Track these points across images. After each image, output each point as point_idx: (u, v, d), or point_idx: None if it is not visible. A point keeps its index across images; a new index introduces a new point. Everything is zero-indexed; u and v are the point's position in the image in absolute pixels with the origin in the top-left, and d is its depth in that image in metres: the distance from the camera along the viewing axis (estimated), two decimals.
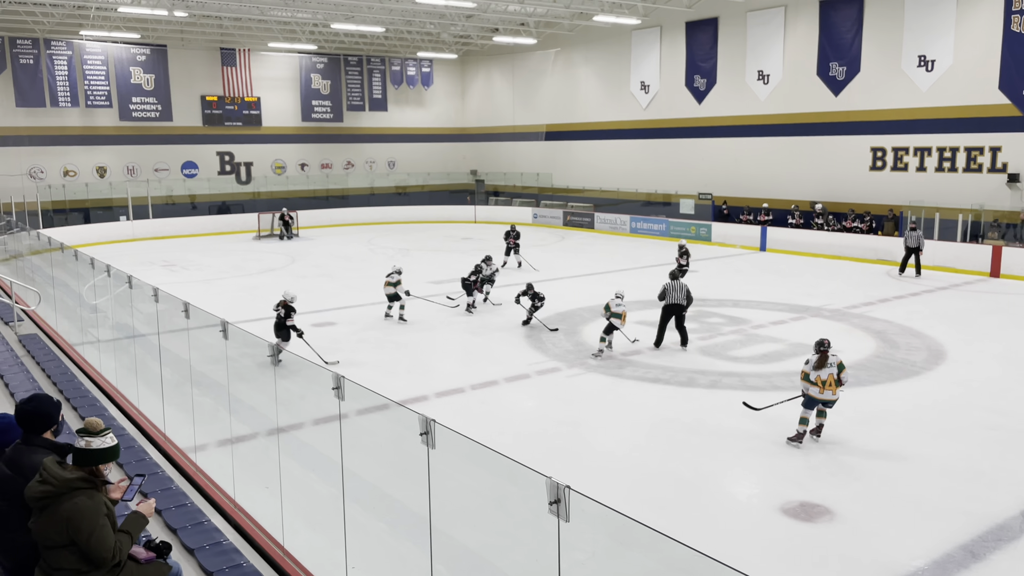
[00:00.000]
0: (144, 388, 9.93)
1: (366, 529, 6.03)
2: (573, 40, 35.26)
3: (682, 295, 13.25)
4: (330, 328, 15.54)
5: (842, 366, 9.25)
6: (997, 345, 13.64)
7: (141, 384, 10.01)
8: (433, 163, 41.94)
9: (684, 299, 13.25)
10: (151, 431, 9.23)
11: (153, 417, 9.37)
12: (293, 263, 24.47)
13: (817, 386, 9.15)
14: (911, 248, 20.26)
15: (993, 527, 7.18)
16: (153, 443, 8.96)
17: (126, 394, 10.22)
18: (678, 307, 13.29)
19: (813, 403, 9.24)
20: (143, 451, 8.55)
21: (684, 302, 13.26)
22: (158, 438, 9.02)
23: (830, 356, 9.19)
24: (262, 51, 36.23)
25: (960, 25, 22.35)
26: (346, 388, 5.53)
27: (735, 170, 29.00)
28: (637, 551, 4.28)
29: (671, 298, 13.31)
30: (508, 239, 23.15)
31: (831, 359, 9.18)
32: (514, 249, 22.92)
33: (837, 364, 9.20)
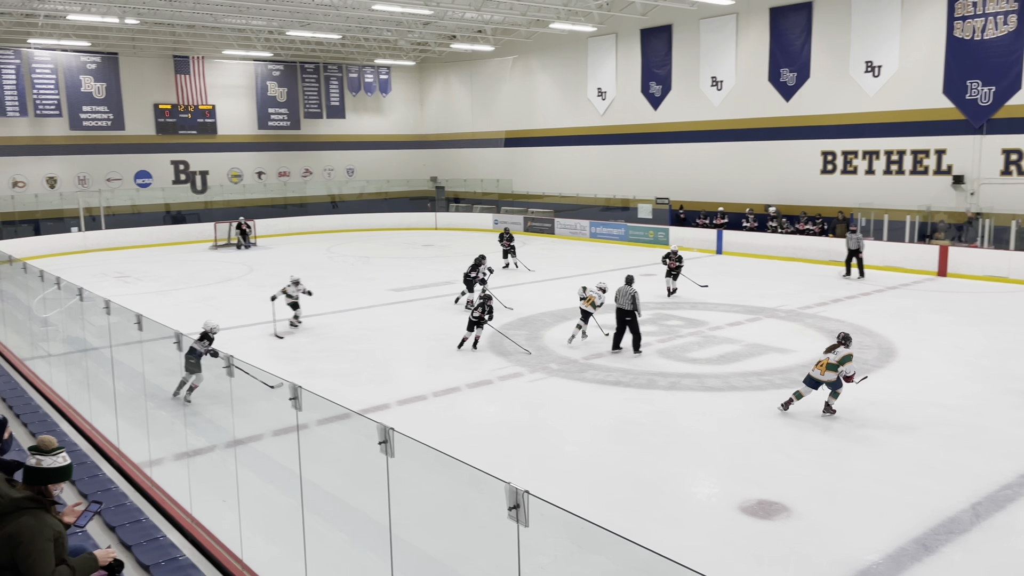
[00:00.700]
0: (97, 402, 9.73)
1: (326, 540, 5.98)
2: (530, 47, 35.45)
3: (627, 300, 13.40)
4: (289, 338, 15.39)
5: (846, 359, 10.03)
6: (945, 342, 14.01)
7: (94, 398, 9.80)
8: (392, 170, 41.79)
9: (629, 304, 13.35)
10: (104, 446, 9.05)
11: (106, 432, 9.18)
12: (251, 272, 24.16)
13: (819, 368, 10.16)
14: (852, 250, 20.75)
15: (944, 520, 7.37)
16: (107, 458, 8.79)
17: (78, 409, 10.00)
18: (621, 311, 13.47)
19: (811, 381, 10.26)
20: (96, 467, 8.38)
21: (628, 307, 13.37)
22: (112, 453, 8.84)
23: (839, 348, 10.11)
24: (216, 59, 35.78)
25: (905, 31, 22.97)
26: (304, 398, 5.49)
27: (691, 175, 29.39)
28: (598, 554, 4.31)
29: (617, 302, 13.56)
30: (502, 241, 23.67)
31: (839, 350, 10.09)
32: (510, 252, 23.39)
33: (842, 356, 10.03)
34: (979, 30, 21.34)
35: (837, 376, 10.11)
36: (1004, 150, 21.33)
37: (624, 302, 13.39)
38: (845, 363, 10.03)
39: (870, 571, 6.53)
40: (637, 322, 13.50)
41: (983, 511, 7.53)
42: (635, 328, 13.50)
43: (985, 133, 21.64)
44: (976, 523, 7.31)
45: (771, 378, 12.02)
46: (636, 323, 13.48)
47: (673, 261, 18.53)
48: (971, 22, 21.46)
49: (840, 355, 10.08)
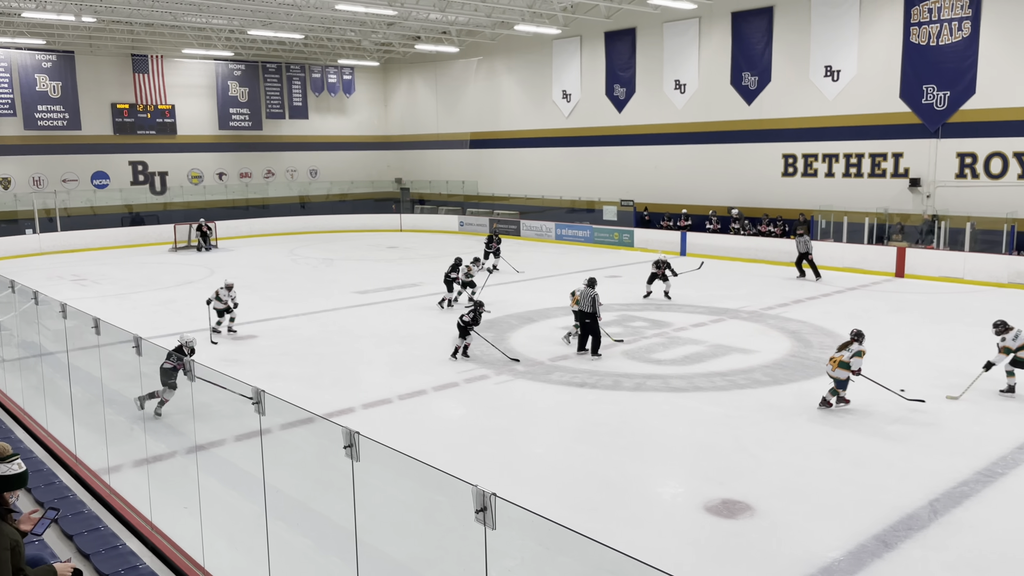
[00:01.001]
0: (53, 408, 9.51)
1: (291, 546, 5.91)
2: (495, 49, 35.46)
3: (587, 302, 13.42)
4: (252, 341, 15.19)
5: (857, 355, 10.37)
6: (903, 342, 14.29)
7: (50, 404, 9.58)
8: (356, 171, 41.50)
9: (589, 306, 13.38)
10: (61, 453, 8.85)
11: (63, 439, 8.98)
12: (212, 275, 23.81)
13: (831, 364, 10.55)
14: (801, 253, 21.23)
15: (904, 517, 7.51)
16: (63, 465, 8.59)
17: (33, 415, 9.77)
18: (581, 313, 13.54)
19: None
20: (52, 474, 8.20)
21: (589, 309, 13.40)
22: (68, 460, 8.64)
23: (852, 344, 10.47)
24: (176, 58, 35.23)
25: (863, 37, 23.41)
26: (267, 402, 5.42)
27: (655, 177, 29.64)
28: (565, 555, 4.31)
29: (579, 305, 13.68)
30: (491, 244, 23.57)
31: (852, 346, 10.45)
32: (495, 253, 23.34)
33: (854, 352, 10.38)
34: (934, 36, 21.83)
35: (847, 375, 10.36)
36: (959, 153, 21.83)
37: (585, 304, 13.47)
38: (854, 358, 10.32)
39: (832, 568, 6.62)
40: (597, 324, 13.54)
41: (941, 508, 7.69)
42: (595, 330, 13.53)
43: (940, 137, 22.14)
44: (934, 520, 7.46)
45: (735, 378, 12.15)
46: (596, 325, 13.52)
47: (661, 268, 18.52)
48: (927, 28, 21.94)
49: (852, 351, 10.36)
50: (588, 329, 13.58)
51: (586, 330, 13.61)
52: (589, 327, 13.54)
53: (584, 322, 13.56)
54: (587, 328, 13.58)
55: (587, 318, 13.51)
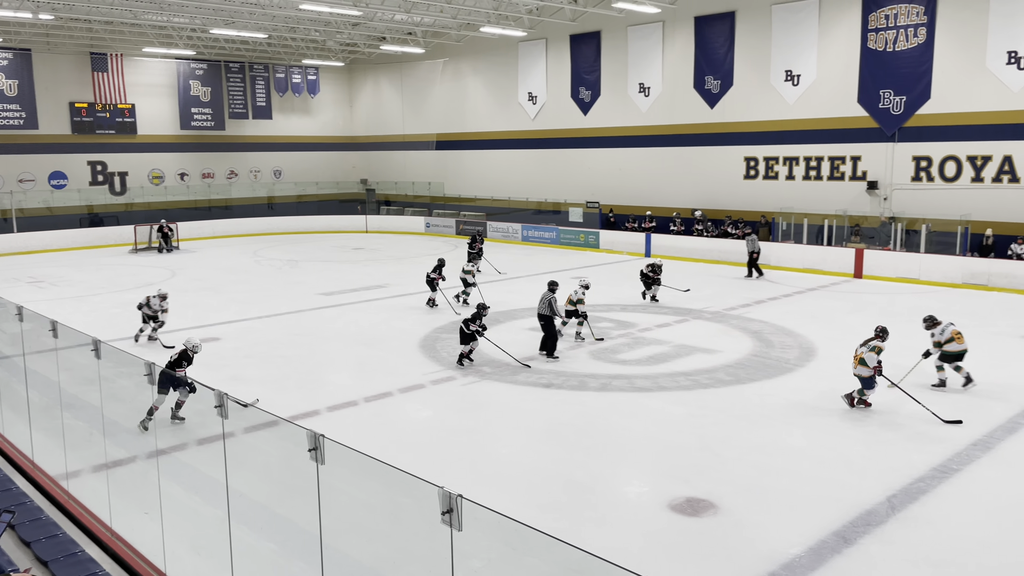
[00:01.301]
0: (9, 413, 9.31)
1: (255, 550, 5.86)
2: (461, 50, 35.44)
3: (545, 305, 13.59)
4: (215, 344, 14.99)
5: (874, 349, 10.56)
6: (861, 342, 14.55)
7: (6, 409, 9.38)
8: (321, 172, 41.17)
9: (547, 309, 13.56)
10: (17, 459, 8.67)
11: (20, 444, 8.79)
12: (173, 277, 23.46)
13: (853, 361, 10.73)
14: (751, 252, 21.78)
15: (862, 513, 7.66)
16: (20, 471, 8.42)
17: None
18: (541, 316, 13.67)
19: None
20: (9, 480, 8.03)
21: (547, 312, 13.56)
22: (25, 466, 8.47)
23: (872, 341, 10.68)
24: (136, 56, 34.65)
25: (822, 42, 23.83)
26: (230, 406, 5.37)
27: (620, 179, 29.86)
28: (531, 556, 4.33)
29: (538, 308, 13.82)
30: (475, 245, 23.29)
31: (872, 342, 10.65)
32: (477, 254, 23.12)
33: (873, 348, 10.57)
34: (891, 42, 22.30)
35: (870, 373, 10.47)
36: (915, 157, 22.33)
37: (543, 307, 13.64)
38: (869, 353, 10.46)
39: (793, 564, 6.74)
40: (554, 327, 13.71)
41: (898, 503, 7.86)
42: (551, 333, 13.65)
43: (897, 141, 22.62)
44: (892, 515, 7.62)
45: (698, 378, 12.29)
46: (553, 328, 13.67)
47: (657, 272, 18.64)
48: (884, 34, 22.41)
49: (869, 346, 10.56)
50: (546, 331, 13.70)
51: (543, 332, 13.73)
52: (546, 329, 13.67)
53: (542, 324, 13.72)
54: (544, 330, 13.71)
55: (543, 320, 13.65)
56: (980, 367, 12.69)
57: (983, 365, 12.83)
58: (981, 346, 14.18)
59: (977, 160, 21.14)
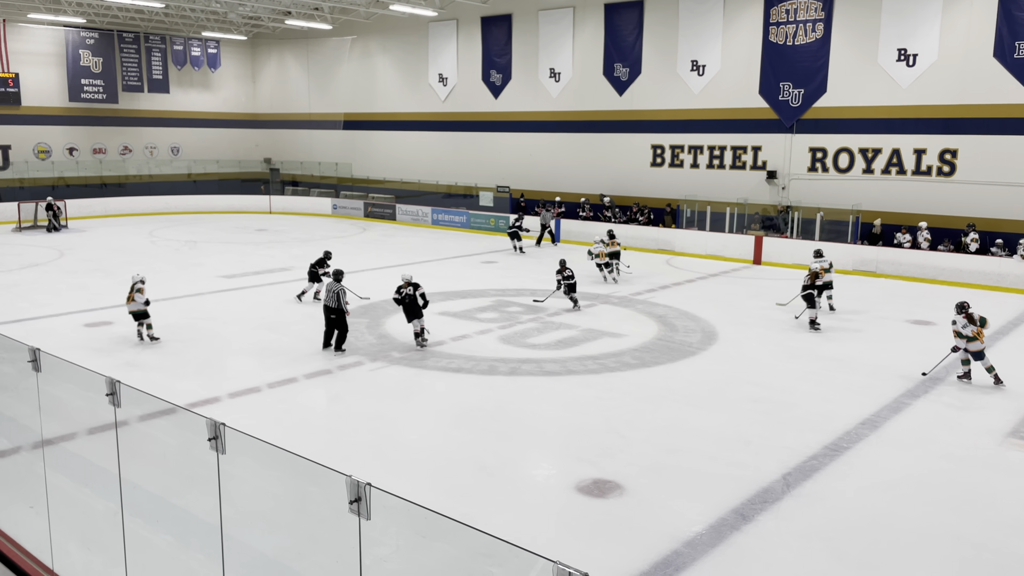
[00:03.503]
0: None
1: (150, 543, 5.61)
2: (370, 28, 34.73)
3: (332, 297, 12.59)
4: (107, 328, 14.28)
5: (983, 321, 11.33)
6: (759, 325, 15.14)
7: None
8: (222, 150, 39.69)
9: (334, 301, 12.56)
10: None
11: None
12: (61, 257, 22.21)
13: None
14: (543, 225, 25.84)
15: (759, 491, 7.96)
16: None
17: None
18: (328, 308, 12.71)
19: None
20: None
21: (334, 304, 12.55)
22: None
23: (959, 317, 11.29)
24: (20, 22, 32.45)
25: (727, 33, 24.49)
26: (123, 393, 5.11)
27: (530, 164, 29.98)
28: (440, 542, 4.30)
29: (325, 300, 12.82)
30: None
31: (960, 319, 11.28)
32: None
33: (978, 318, 11.27)
34: (791, 36, 23.11)
35: (979, 347, 11.18)
36: (811, 148, 23.28)
37: (330, 299, 12.68)
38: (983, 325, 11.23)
39: (695, 541, 6.94)
40: (344, 319, 12.72)
41: (793, 481, 8.20)
42: (341, 325, 12.74)
43: (795, 132, 23.52)
44: (787, 492, 7.95)
45: (605, 361, 12.50)
46: (343, 320, 12.71)
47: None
48: (784, 28, 23.20)
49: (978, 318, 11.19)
50: (334, 324, 12.75)
51: (332, 325, 12.78)
52: (335, 322, 12.73)
53: (330, 317, 12.74)
54: (332, 323, 12.75)
55: (333, 313, 12.69)
56: (869, 350, 13.40)
57: (872, 348, 13.54)
58: (870, 330, 14.96)
59: (868, 152, 22.22)
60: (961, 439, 9.48)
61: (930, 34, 20.84)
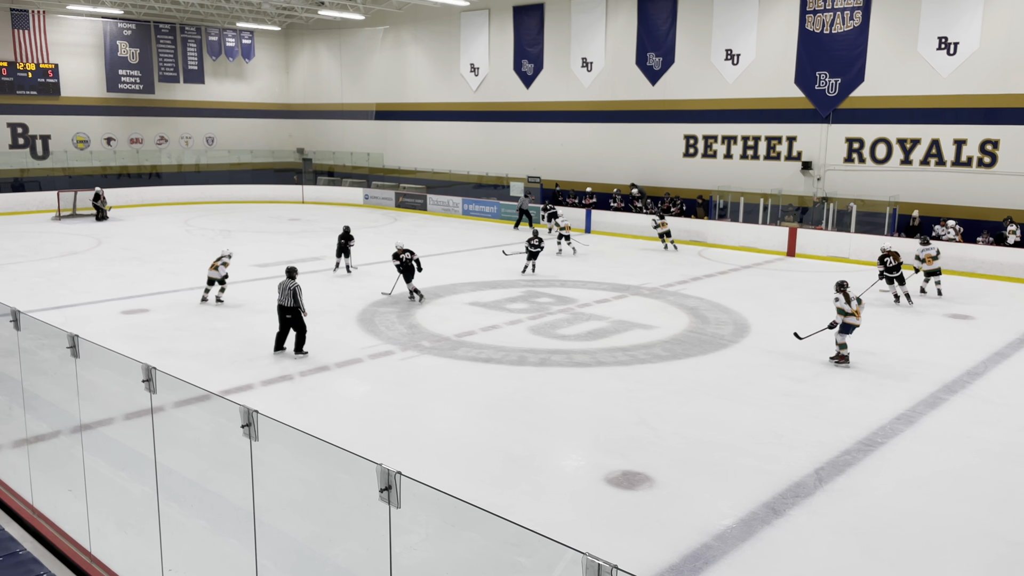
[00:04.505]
0: None
1: (184, 528, 5.71)
2: (402, 18, 34.79)
3: (288, 295, 11.94)
4: (143, 315, 14.53)
5: (859, 300, 11.98)
6: (793, 318, 14.94)
7: None
8: (256, 140, 40.08)
9: (290, 300, 11.94)
10: None
11: None
12: (99, 245, 22.62)
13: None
14: (522, 210, 27.32)
15: (791, 485, 7.88)
16: None
17: None
18: (283, 308, 12.03)
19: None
20: None
21: (289, 303, 11.93)
22: None
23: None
24: (59, 14, 33.00)
25: (762, 22, 24.14)
26: (159, 380, 5.19)
27: (561, 154, 29.87)
28: (469, 531, 4.32)
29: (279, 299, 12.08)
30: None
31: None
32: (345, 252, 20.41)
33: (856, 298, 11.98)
34: (828, 24, 22.72)
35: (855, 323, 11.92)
36: (847, 138, 22.90)
37: (285, 298, 11.93)
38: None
39: (725, 535, 6.89)
40: (301, 319, 12.03)
41: (826, 476, 8.11)
42: (299, 325, 12.04)
43: (831, 122, 23.15)
44: (820, 487, 7.86)
45: (635, 353, 12.44)
46: (300, 320, 12.03)
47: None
48: (821, 16, 22.81)
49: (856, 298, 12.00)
50: (290, 324, 12.07)
51: (287, 326, 12.11)
52: (291, 322, 12.03)
53: (285, 317, 12.01)
54: (288, 324, 12.07)
55: (289, 313, 11.96)
56: (905, 344, 13.18)
57: (908, 342, 13.31)
58: (906, 323, 14.72)
59: (907, 143, 21.80)
60: (998, 435, 9.30)
61: (972, 22, 20.36)
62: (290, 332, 12.25)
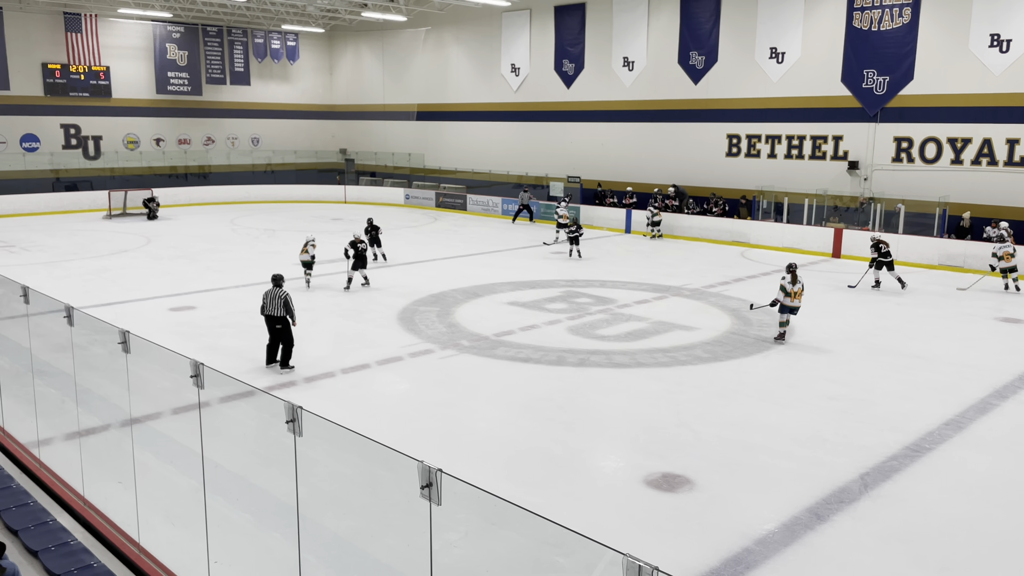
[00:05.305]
0: None
1: (230, 521, 5.82)
2: (444, 19, 34.98)
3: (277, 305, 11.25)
4: (190, 312, 14.83)
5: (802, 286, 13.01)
6: (838, 321, 14.70)
7: None
8: (300, 140, 40.64)
9: (280, 309, 11.23)
10: None
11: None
12: (148, 244, 23.14)
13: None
14: (523, 205, 28.58)
15: (835, 490, 7.75)
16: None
17: None
18: (271, 319, 11.34)
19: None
20: None
21: (279, 312, 11.23)
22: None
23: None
24: (111, 17, 33.83)
25: (808, 20, 23.76)
26: (206, 376, 5.29)
27: (602, 154, 29.75)
28: (508, 530, 4.33)
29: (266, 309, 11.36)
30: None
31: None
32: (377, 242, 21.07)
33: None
34: (876, 21, 22.28)
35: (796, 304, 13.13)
36: (896, 138, 22.42)
37: (274, 307, 11.21)
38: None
39: (767, 540, 6.81)
40: (290, 331, 11.32)
41: (871, 481, 7.96)
42: (287, 338, 11.32)
43: (879, 121, 22.69)
44: (864, 492, 7.72)
45: (676, 355, 12.34)
46: (290, 331, 11.30)
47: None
48: (869, 13, 22.38)
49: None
50: (279, 336, 11.34)
51: (276, 337, 11.37)
52: (280, 333, 11.30)
53: (275, 328, 11.30)
54: (278, 335, 11.34)
55: (278, 323, 11.25)
56: (955, 348, 12.88)
57: (958, 346, 13.00)
58: (954, 327, 14.38)
59: (957, 142, 21.28)
60: None
61: None
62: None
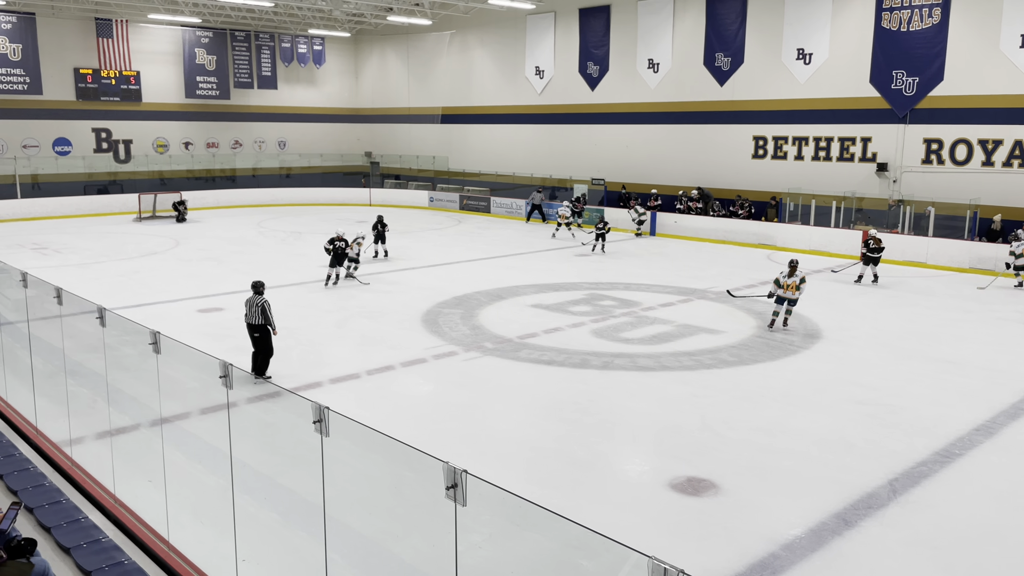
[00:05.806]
0: (13, 379, 9.33)
1: (257, 520, 5.88)
2: (468, 23, 35.09)
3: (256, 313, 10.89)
4: (218, 314, 15.00)
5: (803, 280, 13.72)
6: (866, 325, 14.53)
7: (9, 375, 9.40)
8: (326, 144, 40.96)
9: (259, 317, 10.87)
10: (21, 425, 8.70)
11: (23, 410, 8.82)
12: (177, 246, 23.44)
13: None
14: (535, 205, 29.32)
15: (864, 496, 7.66)
16: (23, 437, 8.45)
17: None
18: (250, 327, 11.00)
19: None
20: (12, 446, 8.07)
21: (258, 320, 10.87)
22: (29, 432, 8.51)
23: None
24: (141, 23, 34.34)
25: (836, 20, 23.54)
26: (234, 376, 5.36)
27: (626, 156, 29.66)
28: (533, 531, 4.34)
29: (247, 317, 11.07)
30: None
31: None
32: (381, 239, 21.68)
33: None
34: (905, 21, 22.02)
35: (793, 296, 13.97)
36: (926, 139, 22.13)
37: (253, 316, 10.85)
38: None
39: (793, 545, 6.75)
40: (270, 339, 10.98)
41: (900, 487, 7.86)
42: (266, 346, 10.95)
43: (908, 123, 22.41)
44: (893, 498, 7.63)
45: (701, 358, 12.27)
46: (268, 340, 10.96)
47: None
48: (898, 13, 22.12)
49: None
50: (258, 344, 10.96)
51: (255, 345, 10.99)
52: (258, 341, 10.92)
53: (254, 336, 10.92)
54: (254, 343, 10.98)
55: (257, 331, 10.87)
56: (985, 353, 12.68)
57: (988, 351, 12.81)
58: (985, 331, 14.16)
59: (988, 144, 20.96)
60: None
61: None
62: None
